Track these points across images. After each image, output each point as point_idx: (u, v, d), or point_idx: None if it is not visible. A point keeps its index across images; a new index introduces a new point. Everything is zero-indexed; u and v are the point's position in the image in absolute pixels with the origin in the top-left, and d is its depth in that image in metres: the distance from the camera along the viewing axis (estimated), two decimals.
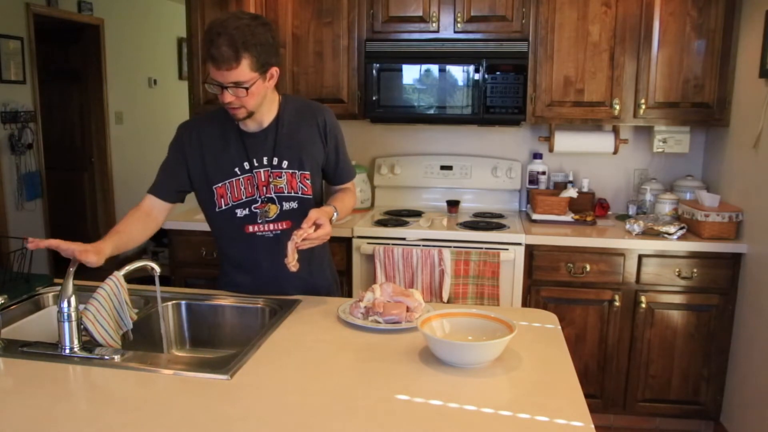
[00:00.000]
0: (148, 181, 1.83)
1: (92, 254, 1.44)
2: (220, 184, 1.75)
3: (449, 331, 1.45)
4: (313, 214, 1.62)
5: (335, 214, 1.74)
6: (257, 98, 1.64)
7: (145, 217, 1.75)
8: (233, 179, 1.75)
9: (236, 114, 1.65)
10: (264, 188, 1.75)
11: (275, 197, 1.76)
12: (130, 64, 5.67)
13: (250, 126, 1.75)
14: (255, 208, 1.76)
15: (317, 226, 1.62)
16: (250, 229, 1.78)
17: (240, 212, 1.77)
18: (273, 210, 1.77)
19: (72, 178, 5.49)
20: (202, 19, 3.00)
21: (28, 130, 4.53)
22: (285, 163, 1.75)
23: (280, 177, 1.75)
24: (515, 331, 1.34)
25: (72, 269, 1.38)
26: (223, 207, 1.77)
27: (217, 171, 1.75)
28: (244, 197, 1.76)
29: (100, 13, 5.24)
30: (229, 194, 1.76)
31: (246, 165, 1.75)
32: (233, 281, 1.85)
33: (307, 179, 1.78)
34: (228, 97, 1.60)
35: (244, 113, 1.65)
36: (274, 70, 1.65)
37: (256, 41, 1.55)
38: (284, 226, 1.77)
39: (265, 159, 1.75)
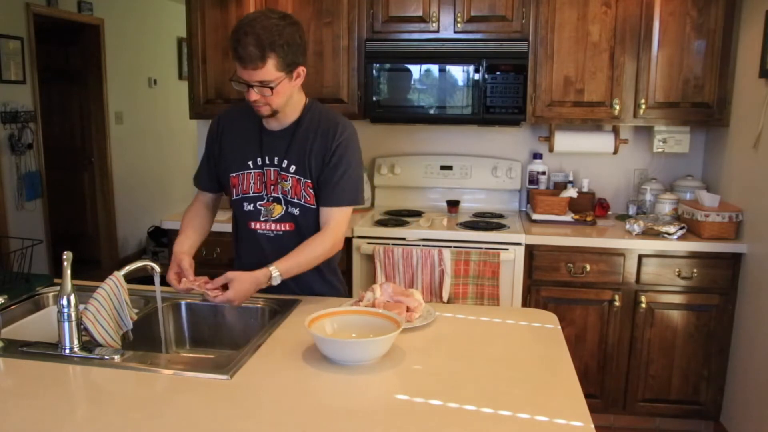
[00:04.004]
0: (148, 181, 1.85)
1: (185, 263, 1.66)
2: (234, 174, 1.78)
3: (338, 328, 1.45)
4: (232, 288, 1.54)
5: (274, 275, 1.60)
6: (282, 97, 1.65)
7: (203, 209, 1.89)
8: (245, 172, 1.77)
9: (261, 111, 1.67)
10: (272, 187, 1.76)
11: (281, 198, 1.76)
12: (130, 64, 5.66)
13: (272, 124, 1.76)
14: (260, 205, 1.77)
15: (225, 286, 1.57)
16: (253, 225, 1.79)
17: (246, 206, 1.79)
18: (278, 210, 1.77)
19: (72, 178, 5.48)
20: (202, 19, 3.00)
21: (28, 130, 4.53)
22: (293, 168, 1.74)
23: (287, 180, 1.75)
24: (401, 327, 1.36)
25: (66, 264, 1.37)
26: (235, 197, 1.80)
27: (233, 160, 1.79)
28: (251, 192, 1.77)
29: (100, 13, 5.23)
30: (240, 185, 1.78)
31: (258, 161, 1.76)
32: None
33: (311, 188, 1.75)
34: (253, 95, 1.61)
35: (268, 110, 1.67)
36: (301, 70, 1.66)
37: (284, 41, 1.56)
38: (287, 228, 1.77)
39: (276, 159, 1.75)
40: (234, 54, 1.56)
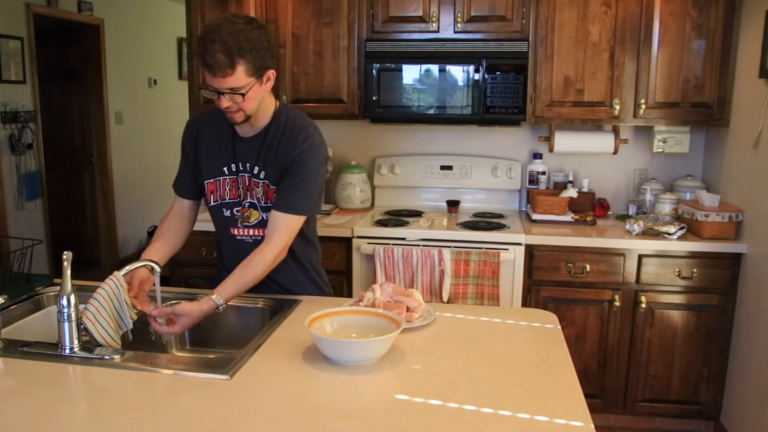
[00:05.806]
0: (148, 181, 1.85)
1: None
2: (211, 180, 1.77)
3: (338, 328, 1.45)
4: (179, 323, 1.52)
5: (219, 304, 1.56)
6: (254, 102, 1.62)
7: (179, 219, 1.84)
8: (221, 178, 1.76)
9: (234, 118, 1.64)
10: (248, 193, 1.75)
11: (257, 204, 1.75)
12: (130, 64, 5.66)
13: (245, 129, 1.73)
14: (237, 211, 1.77)
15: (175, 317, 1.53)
16: (232, 231, 1.78)
17: (225, 212, 1.78)
18: (255, 216, 1.76)
19: (72, 178, 5.48)
20: (202, 19, 3.00)
21: (28, 130, 4.53)
22: (263, 174, 1.73)
23: (258, 186, 1.74)
24: (401, 327, 1.36)
25: (66, 264, 1.37)
26: (212, 203, 1.79)
27: (208, 168, 1.77)
28: (228, 198, 1.76)
29: (100, 13, 5.23)
30: (218, 191, 1.77)
31: (233, 167, 1.75)
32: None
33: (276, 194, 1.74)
34: (225, 102, 1.58)
35: (241, 117, 1.64)
36: (271, 73, 1.63)
37: (251, 46, 1.53)
38: (263, 234, 1.75)
39: (248, 165, 1.73)
40: (202, 62, 1.53)
